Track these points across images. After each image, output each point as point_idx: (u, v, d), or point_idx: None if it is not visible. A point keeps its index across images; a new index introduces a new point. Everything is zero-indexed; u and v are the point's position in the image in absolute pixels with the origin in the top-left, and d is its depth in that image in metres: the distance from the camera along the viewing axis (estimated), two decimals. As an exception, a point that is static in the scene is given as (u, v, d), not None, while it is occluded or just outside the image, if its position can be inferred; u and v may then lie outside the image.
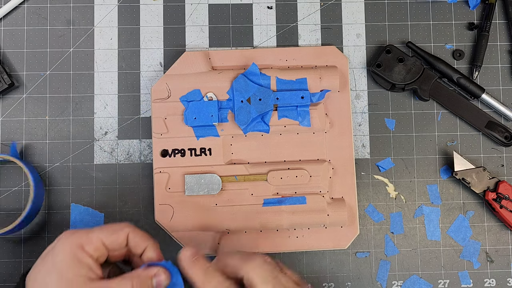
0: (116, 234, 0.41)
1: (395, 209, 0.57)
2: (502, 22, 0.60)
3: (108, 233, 0.41)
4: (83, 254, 0.39)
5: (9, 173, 0.56)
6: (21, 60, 0.57)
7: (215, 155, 0.55)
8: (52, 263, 0.39)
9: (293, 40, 0.59)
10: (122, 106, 0.57)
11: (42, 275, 0.39)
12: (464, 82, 0.57)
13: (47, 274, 0.38)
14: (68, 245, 0.39)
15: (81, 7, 0.58)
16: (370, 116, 0.58)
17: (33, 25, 0.58)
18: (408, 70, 0.57)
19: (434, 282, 0.56)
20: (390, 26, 0.59)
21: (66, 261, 0.38)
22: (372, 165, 0.57)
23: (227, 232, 0.54)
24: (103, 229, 0.41)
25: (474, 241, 0.57)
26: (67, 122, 0.57)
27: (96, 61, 0.58)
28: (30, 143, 0.56)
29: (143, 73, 0.58)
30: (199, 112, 0.54)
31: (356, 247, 0.56)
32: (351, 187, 0.55)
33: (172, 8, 0.58)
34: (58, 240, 0.40)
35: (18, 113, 0.57)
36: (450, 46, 0.59)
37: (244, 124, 0.53)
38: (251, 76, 0.54)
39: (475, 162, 0.57)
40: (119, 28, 0.58)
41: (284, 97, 0.54)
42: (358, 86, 0.58)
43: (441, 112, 0.58)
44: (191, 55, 0.56)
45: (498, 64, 0.59)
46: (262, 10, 0.59)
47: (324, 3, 0.59)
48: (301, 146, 0.55)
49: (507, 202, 0.55)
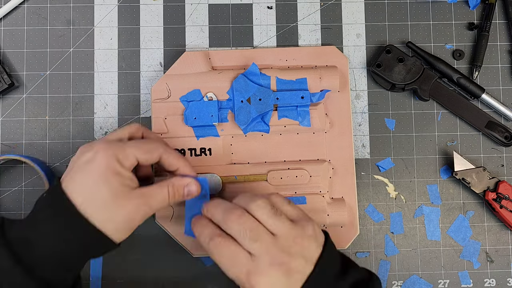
0: (150, 153, 0.45)
1: (395, 209, 0.57)
2: (502, 22, 0.60)
3: (143, 152, 0.44)
4: (123, 168, 0.42)
5: (9, 173, 0.56)
6: (21, 60, 0.57)
7: (215, 155, 0.55)
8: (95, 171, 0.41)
9: (293, 40, 0.59)
10: (122, 106, 0.57)
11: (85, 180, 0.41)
12: (464, 82, 0.57)
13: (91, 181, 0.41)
14: (107, 157, 0.41)
15: (81, 7, 0.58)
16: (370, 116, 0.58)
17: (33, 25, 0.58)
18: (408, 70, 0.57)
19: (434, 282, 0.56)
20: (390, 26, 0.59)
21: (109, 171, 0.41)
22: (372, 165, 0.57)
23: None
24: (139, 146, 0.44)
25: (474, 241, 0.57)
26: (67, 122, 0.57)
27: (96, 61, 0.58)
28: (30, 143, 0.56)
29: (143, 73, 0.58)
30: (199, 112, 0.54)
31: (356, 247, 0.56)
32: (351, 187, 0.55)
33: (172, 8, 0.58)
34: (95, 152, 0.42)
35: (18, 113, 0.57)
36: (450, 46, 0.59)
37: (244, 124, 0.53)
38: (251, 76, 0.54)
39: (475, 162, 0.57)
40: (119, 28, 0.58)
41: (284, 97, 0.54)
42: (358, 86, 0.58)
43: (441, 112, 0.58)
44: (191, 55, 0.56)
45: (498, 64, 0.59)
46: (262, 10, 0.59)
47: (324, 3, 0.59)
48: (301, 146, 0.55)
49: (507, 202, 0.55)
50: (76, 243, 0.41)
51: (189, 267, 0.55)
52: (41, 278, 0.39)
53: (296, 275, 0.41)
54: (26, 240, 0.40)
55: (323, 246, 0.44)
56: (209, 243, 0.43)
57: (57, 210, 0.41)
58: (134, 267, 0.55)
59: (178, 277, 0.55)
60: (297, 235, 0.43)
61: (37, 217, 0.41)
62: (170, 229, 0.53)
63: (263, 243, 0.41)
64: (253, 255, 0.41)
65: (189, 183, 0.46)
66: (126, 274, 0.55)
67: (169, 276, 0.55)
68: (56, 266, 0.40)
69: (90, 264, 0.55)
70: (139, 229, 0.55)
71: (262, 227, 0.42)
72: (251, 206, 0.43)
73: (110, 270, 0.55)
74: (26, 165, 0.56)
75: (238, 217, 0.42)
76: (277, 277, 0.41)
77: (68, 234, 0.40)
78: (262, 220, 0.43)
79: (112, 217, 0.41)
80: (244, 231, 0.42)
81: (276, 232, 0.42)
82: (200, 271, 0.55)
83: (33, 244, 0.40)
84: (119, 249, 0.45)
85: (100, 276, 0.55)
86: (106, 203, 0.41)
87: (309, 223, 0.44)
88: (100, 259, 0.55)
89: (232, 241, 0.42)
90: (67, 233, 0.40)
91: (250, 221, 0.42)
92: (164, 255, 0.55)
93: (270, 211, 0.43)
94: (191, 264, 0.55)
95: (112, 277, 0.55)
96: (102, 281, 0.55)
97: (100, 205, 0.41)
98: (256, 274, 0.41)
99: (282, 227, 0.43)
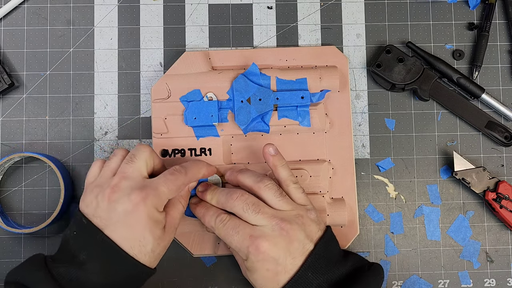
0: (179, 191, 0.47)
1: (395, 209, 0.57)
2: (502, 22, 0.60)
3: (174, 192, 0.46)
4: (160, 214, 0.45)
5: (9, 173, 0.56)
6: (21, 60, 0.57)
7: (215, 155, 0.55)
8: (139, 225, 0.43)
9: (293, 40, 0.59)
10: (122, 106, 0.57)
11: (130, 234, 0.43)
12: (464, 82, 0.57)
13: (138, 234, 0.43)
14: (147, 210, 0.43)
15: (81, 7, 0.58)
16: (370, 116, 0.58)
17: (33, 25, 0.58)
18: (408, 70, 0.57)
19: (434, 282, 0.56)
20: (390, 26, 0.59)
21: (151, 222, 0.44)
22: (372, 165, 0.57)
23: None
24: (170, 188, 0.46)
25: (474, 241, 0.57)
26: (67, 122, 0.57)
27: (96, 61, 0.58)
28: (30, 143, 0.56)
29: (143, 73, 0.58)
30: (199, 112, 0.54)
31: (356, 247, 0.56)
32: (351, 187, 0.55)
33: (172, 8, 0.58)
34: (135, 204, 0.43)
35: (18, 113, 0.57)
36: (450, 46, 0.59)
37: (244, 124, 0.53)
38: (251, 76, 0.54)
39: (475, 162, 0.57)
40: (119, 28, 0.58)
41: (284, 97, 0.54)
42: (358, 86, 0.58)
43: (441, 112, 0.58)
44: (191, 55, 0.56)
45: (498, 64, 0.59)
46: (262, 10, 0.59)
47: (324, 3, 0.59)
48: (301, 146, 0.55)
49: (507, 202, 0.55)
50: (126, 278, 0.44)
51: (189, 267, 0.55)
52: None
53: (296, 243, 0.45)
54: (78, 281, 0.42)
55: (324, 231, 0.47)
56: (216, 219, 0.47)
57: (103, 250, 0.43)
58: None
59: (178, 277, 0.55)
60: (299, 214, 0.46)
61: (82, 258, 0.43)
62: (170, 229, 0.53)
63: (265, 214, 0.46)
64: (256, 225, 0.46)
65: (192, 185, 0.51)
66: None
67: (169, 276, 0.55)
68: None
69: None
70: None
71: (264, 203, 0.47)
72: (259, 185, 0.47)
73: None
74: (26, 165, 0.56)
75: (241, 195, 0.47)
76: (279, 240, 0.44)
77: (118, 271, 0.43)
78: (268, 200, 0.47)
79: (156, 254, 0.45)
80: (247, 206, 0.46)
81: (279, 209, 0.46)
82: (200, 271, 0.55)
83: (85, 284, 0.42)
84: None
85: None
86: (153, 249, 0.44)
87: (313, 209, 0.48)
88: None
89: (237, 217, 0.47)
90: (116, 270, 0.43)
91: (252, 198, 0.47)
92: (164, 255, 0.55)
93: (277, 191, 0.47)
94: (191, 264, 0.55)
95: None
96: (102, 281, 0.55)
97: (148, 251, 0.44)
98: (259, 236, 0.44)
99: (285, 206, 0.47)
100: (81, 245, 0.43)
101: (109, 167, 0.47)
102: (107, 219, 0.43)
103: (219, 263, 0.56)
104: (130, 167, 0.46)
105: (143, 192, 0.44)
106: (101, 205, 0.44)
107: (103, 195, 0.44)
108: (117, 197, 0.44)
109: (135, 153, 0.47)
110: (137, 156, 0.46)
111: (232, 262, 0.54)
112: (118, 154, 0.48)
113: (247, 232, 0.45)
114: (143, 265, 0.44)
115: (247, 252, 0.45)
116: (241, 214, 0.46)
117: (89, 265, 0.42)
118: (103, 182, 0.45)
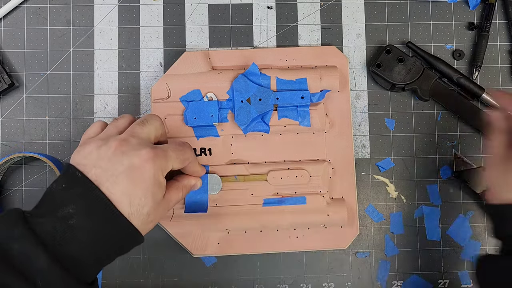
0: (184, 163, 0.46)
1: (395, 209, 0.57)
2: (502, 22, 0.60)
3: (180, 162, 0.45)
4: (164, 179, 0.43)
5: (9, 173, 0.56)
6: (21, 60, 0.57)
7: (215, 155, 0.55)
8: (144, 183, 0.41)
9: (293, 40, 0.59)
10: (122, 106, 0.57)
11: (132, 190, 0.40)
12: (464, 82, 0.57)
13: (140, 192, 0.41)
14: (155, 170, 0.42)
15: (81, 7, 0.58)
16: (370, 116, 0.58)
17: (33, 25, 0.58)
18: (408, 70, 0.57)
19: (434, 282, 0.56)
20: (390, 26, 0.59)
21: (156, 185, 0.42)
22: (372, 165, 0.57)
23: (227, 232, 0.54)
24: (178, 157, 0.45)
25: (474, 241, 0.57)
26: (67, 122, 0.57)
27: (96, 61, 0.58)
28: (30, 143, 0.56)
29: (143, 73, 0.58)
30: (199, 112, 0.54)
31: (356, 247, 0.56)
32: (351, 187, 0.55)
33: (172, 8, 0.58)
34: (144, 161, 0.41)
35: (18, 113, 0.57)
36: (450, 46, 0.59)
37: (244, 124, 0.53)
38: (251, 76, 0.54)
39: (475, 162, 0.57)
40: (119, 28, 0.58)
41: (284, 97, 0.54)
42: (358, 86, 0.58)
43: (441, 112, 0.58)
44: (191, 55, 0.56)
45: (498, 64, 0.59)
46: (262, 10, 0.59)
47: (324, 3, 0.59)
48: (301, 146, 0.55)
49: (507, 202, 0.55)
50: (115, 240, 0.40)
51: (189, 267, 0.55)
52: (75, 274, 0.38)
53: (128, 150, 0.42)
54: (62, 237, 0.38)
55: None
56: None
57: (95, 207, 0.39)
58: (134, 267, 0.55)
59: (178, 277, 0.55)
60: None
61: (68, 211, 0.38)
62: (170, 229, 0.53)
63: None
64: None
65: (196, 183, 0.49)
66: (126, 274, 0.55)
67: (169, 276, 0.55)
68: (91, 263, 0.40)
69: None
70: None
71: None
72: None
73: (110, 270, 0.55)
74: (26, 165, 0.56)
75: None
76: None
77: (109, 231, 0.39)
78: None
79: (149, 222, 0.43)
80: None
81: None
82: (200, 271, 0.55)
83: (70, 240, 0.38)
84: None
85: (100, 276, 0.55)
86: (149, 214, 0.42)
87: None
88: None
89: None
90: (107, 230, 0.39)
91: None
92: (164, 255, 0.55)
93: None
94: (191, 264, 0.55)
95: (112, 277, 0.55)
96: (102, 281, 0.55)
97: (144, 213, 0.41)
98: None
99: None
100: (69, 198, 0.39)
101: (115, 125, 0.45)
102: (109, 170, 0.40)
103: (219, 263, 0.56)
104: (141, 128, 0.45)
105: (153, 151, 0.42)
106: (105, 156, 0.41)
107: (108, 147, 0.41)
108: (125, 150, 0.41)
109: (147, 118, 0.46)
110: (149, 121, 0.46)
111: (232, 262, 0.54)
112: (126, 117, 0.47)
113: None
114: (135, 229, 0.41)
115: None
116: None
117: (76, 220, 0.38)
118: (109, 136, 0.43)
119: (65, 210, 0.38)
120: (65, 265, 0.37)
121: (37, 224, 0.38)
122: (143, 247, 0.55)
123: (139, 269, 0.55)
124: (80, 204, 0.39)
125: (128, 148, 0.41)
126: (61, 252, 0.37)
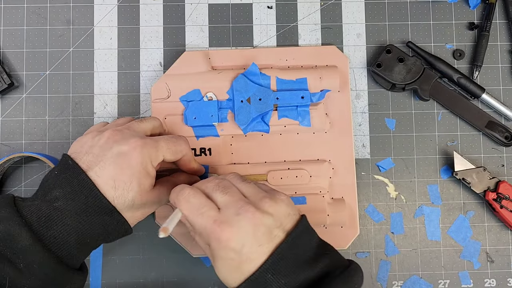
0: (176, 155, 0.46)
1: (396, 209, 0.57)
2: (503, 22, 0.59)
3: (172, 153, 0.46)
4: (152, 168, 0.44)
5: (9, 173, 0.56)
6: (21, 60, 0.57)
7: (215, 155, 0.55)
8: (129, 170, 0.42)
9: (293, 40, 0.59)
10: (122, 106, 0.57)
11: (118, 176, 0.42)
12: (464, 82, 0.57)
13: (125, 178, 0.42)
14: (143, 157, 0.43)
15: (81, 7, 0.58)
16: (370, 116, 0.58)
17: (33, 25, 0.57)
18: (408, 70, 0.56)
19: (434, 282, 0.56)
20: (390, 26, 0.59)
21: (143, 172, 0.43)
22: (372, 165, 0.57)
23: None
24: (169, 148, 0.46)
25: (474, 241, 0.57)
26: (67, 122, 0.57)
27: (96, 61, 0.57)
28: (30, 143, 0.56)
29: (143, 73, 0.58)
30: (199, 112, 0.54)
31: (356, 247, 0.56)
32: (351, 187, 0.55)
33: (172, 8, 0.58)
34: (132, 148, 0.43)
35: (18, 113, 0.57)
36: (450, 46, 0.59)
37: (244, 124, 0.53)
38: (251, 76, 0.54)
39: (475, 162, 0.57)
40: (119, 28, 0.58)
41: (284, 97, 0.54)
42: (358, 86, 0.58)
43: (441, 112, 0.58)
44: (191, 55, 0.56)
45: (498, 64, 0.59)
46: (262, 10, 0.59)
47: (324, 3, 0.59)
48: (301, 146, 0.55)
49: (507, 202, 0.55)
50: (98, 223, 0.42)
51: (189, 267, 0.55)
52: (58, 256, 0.40)
53: (261, 227, 0.39)
54: (47, 218, 0.40)
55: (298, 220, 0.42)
56: (178, 193, 0.43)
57: (80, 190, 0.41)
58: (134, 267, 0.55)
59: (178, 277, 0.55)
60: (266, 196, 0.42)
61: (55, 194, 0.41)
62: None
63: (232, 196, 0.42)
64: (221, 208, 0.41)
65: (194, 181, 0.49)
66: (126, 274, 0.55)
67: (169, 276, 0.55)
68: (74, 245, 0.41)
69: (90, 263, 0.55)
70: (139, 229, 0.55)
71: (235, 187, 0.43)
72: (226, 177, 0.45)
73: (110, 270, 0.55)
74: (26, 165, 0.56)
75: (214, 178, 0.44)
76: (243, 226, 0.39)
77: (92, 212, 0.41)
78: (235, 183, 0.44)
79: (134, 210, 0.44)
80: (217, 186, 0.43)
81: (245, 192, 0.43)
82: (200, 271, 0.55)
83: (54, 221, 0.40)
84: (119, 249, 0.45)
85: (100, 276, 0.55)
86: (134, 200, 0.43)
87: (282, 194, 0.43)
88: (100, 260, 0.55)
89: (202, 194, 0.43)
90: (90, 211, 0.41)
91: (225, 181, 0.44)
92: (164, 255, 0.55)
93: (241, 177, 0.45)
94: (191, 264, 0.55)
95: (112, 277, 0.55)
96: (102, 281, 0.55)
97: (129, 199, 0.43)
98: (223, 222, 0.40)
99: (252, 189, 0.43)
100: (58, 183, 0.42)
101: (115, 122, 0.49)
102: (99, 156, 0.42)
103: (219, 263, 0.55)
104: (137, 124, 0.47)
105: (142, 140, 0.44)
106: (97, 144, 0.43)
107: (102, 136, 0.44)
108: (117, 139, 0.44)
109: (147, 118, 0.49)
110: (148, 120, 0.49)
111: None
112: (127, 117, 0.50)
113: (211, 217, 0.40)
114: (118, 213, 0.42)
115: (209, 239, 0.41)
116: (209, 192, 0.43)
117: (62, 202, 0.40)
118: (106, 129, 0.46)
119: (52, 194, 0.41)
120: (47, 246, 0.39)
121: (24, 207, 0.40)
122: (143, 247, 0.55)
123: (139, 269, 0.55)
124: (66, 188, 0.41)
125: (120, 137, 0.44)
126: (45, 234, 0.39)
